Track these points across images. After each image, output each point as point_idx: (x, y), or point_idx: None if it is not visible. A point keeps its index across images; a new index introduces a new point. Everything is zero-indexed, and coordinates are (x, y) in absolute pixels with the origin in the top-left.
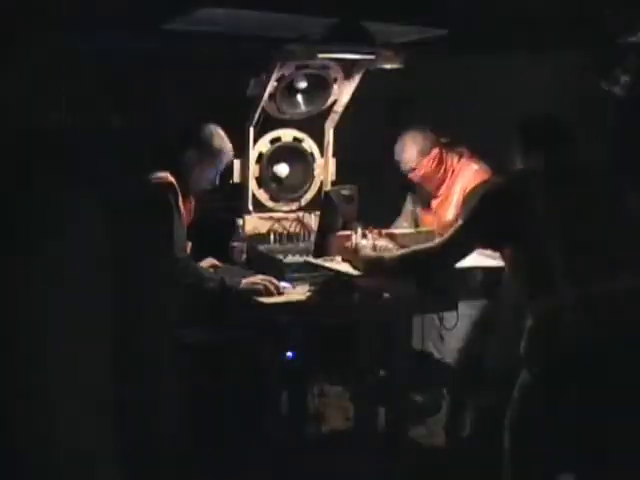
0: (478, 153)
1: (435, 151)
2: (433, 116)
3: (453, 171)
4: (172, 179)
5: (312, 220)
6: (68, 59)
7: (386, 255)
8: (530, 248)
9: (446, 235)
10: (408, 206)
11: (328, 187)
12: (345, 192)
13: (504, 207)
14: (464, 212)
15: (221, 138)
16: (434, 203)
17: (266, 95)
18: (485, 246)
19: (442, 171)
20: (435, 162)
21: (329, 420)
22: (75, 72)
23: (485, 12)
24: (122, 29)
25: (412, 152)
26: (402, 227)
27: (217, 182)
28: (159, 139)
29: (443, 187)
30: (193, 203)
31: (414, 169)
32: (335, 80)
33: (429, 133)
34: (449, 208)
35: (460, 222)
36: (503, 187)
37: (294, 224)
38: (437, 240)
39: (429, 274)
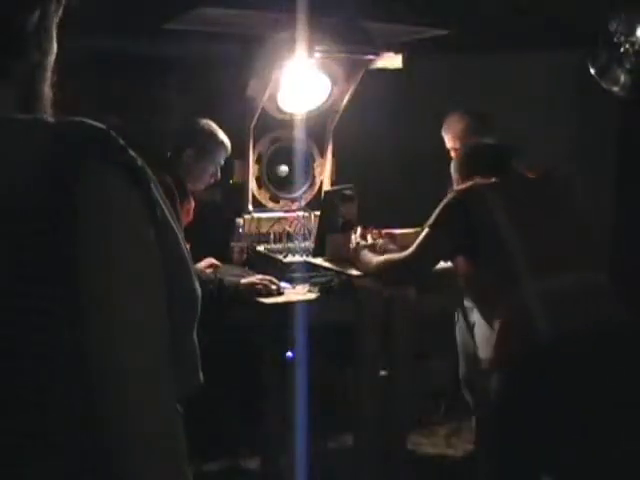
0: None
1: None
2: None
3: None
4: (169, 181)
5: (312, 220)
6: (66, 58)
7: (374, 260)
8: (492, 253)
9: (414, 244)
10: None
11: (328, 187)
12: (345, 192)
13: (461, 217)
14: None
15: (216, 132)
16: None
17: (266, 95)
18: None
19: None
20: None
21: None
22: (72, 71)
23: (484, 12)
24: (121, 29)
25: (449, 133)
26: None
27: (218, 176)
28: (156, 141)
29: None
30: (193, 204)
31: (454, 149)
32: (335, 80)
33: (472, 121)
34: None
35: (426, 230)
36: (460, 197)
37: (294, 224)
38: (409, 249)
39: (404, 282)
